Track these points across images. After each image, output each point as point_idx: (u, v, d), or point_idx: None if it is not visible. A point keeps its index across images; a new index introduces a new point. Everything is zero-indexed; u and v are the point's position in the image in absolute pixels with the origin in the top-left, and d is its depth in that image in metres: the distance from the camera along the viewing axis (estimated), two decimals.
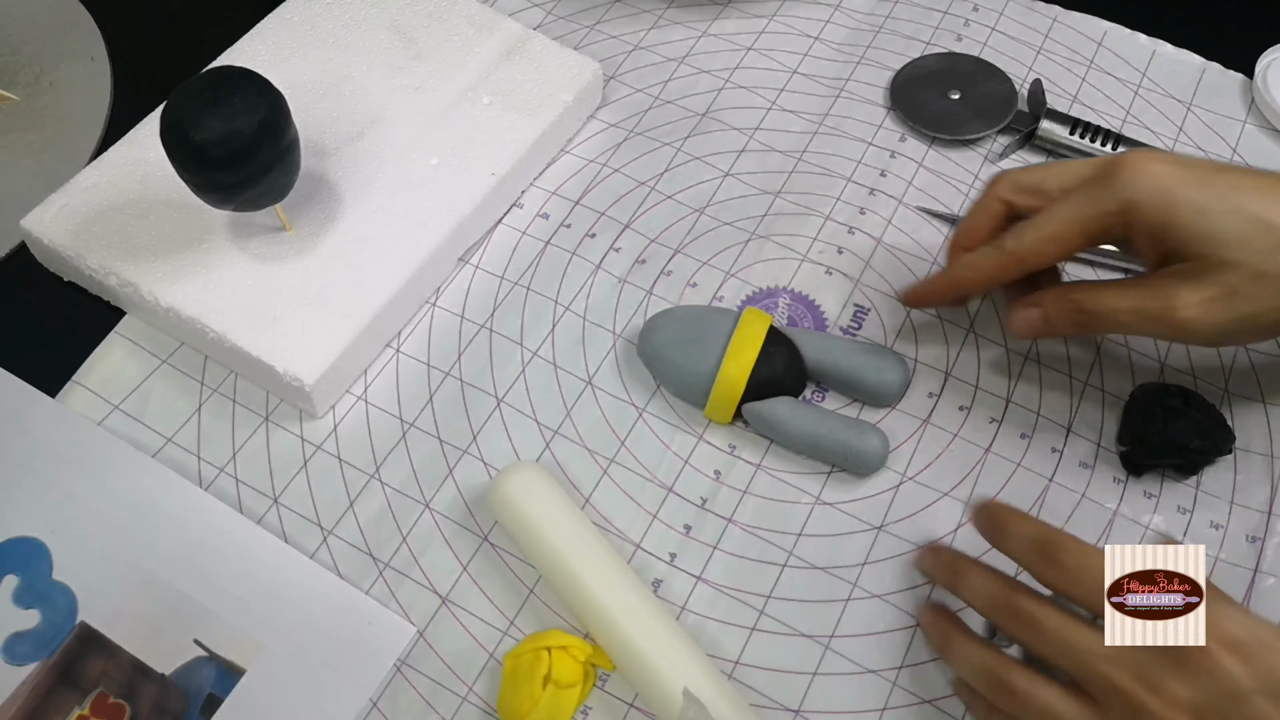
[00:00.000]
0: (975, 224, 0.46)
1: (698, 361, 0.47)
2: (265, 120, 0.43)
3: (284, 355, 0.46)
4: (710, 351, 0.47)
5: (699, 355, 0.47)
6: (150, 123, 0.52)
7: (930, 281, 0.49)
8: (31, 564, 0.43)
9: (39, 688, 0.41)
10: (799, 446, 0.47)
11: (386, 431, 0.48)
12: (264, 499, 0.46)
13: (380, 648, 0.42)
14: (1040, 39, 0.62)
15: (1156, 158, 0.41)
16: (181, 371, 0.49)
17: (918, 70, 0.60)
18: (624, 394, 0.49)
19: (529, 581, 0.44)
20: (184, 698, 0.41)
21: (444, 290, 0.52)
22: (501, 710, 0.41)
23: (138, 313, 0.50)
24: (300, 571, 0.44)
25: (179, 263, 0.48)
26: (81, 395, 0.48)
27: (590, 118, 0.58)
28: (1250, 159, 0.58)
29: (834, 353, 0.48)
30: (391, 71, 0.55)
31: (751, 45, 0.61)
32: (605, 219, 0.54)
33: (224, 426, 0.48)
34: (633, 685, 0.41)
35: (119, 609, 0.42)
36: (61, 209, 0.49)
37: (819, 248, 0.54)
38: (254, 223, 0.49)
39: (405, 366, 0.49)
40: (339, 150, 0.52)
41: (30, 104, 0.57)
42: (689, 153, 0.57)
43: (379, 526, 0.45)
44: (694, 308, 0.50)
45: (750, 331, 0.47)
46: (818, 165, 0.57)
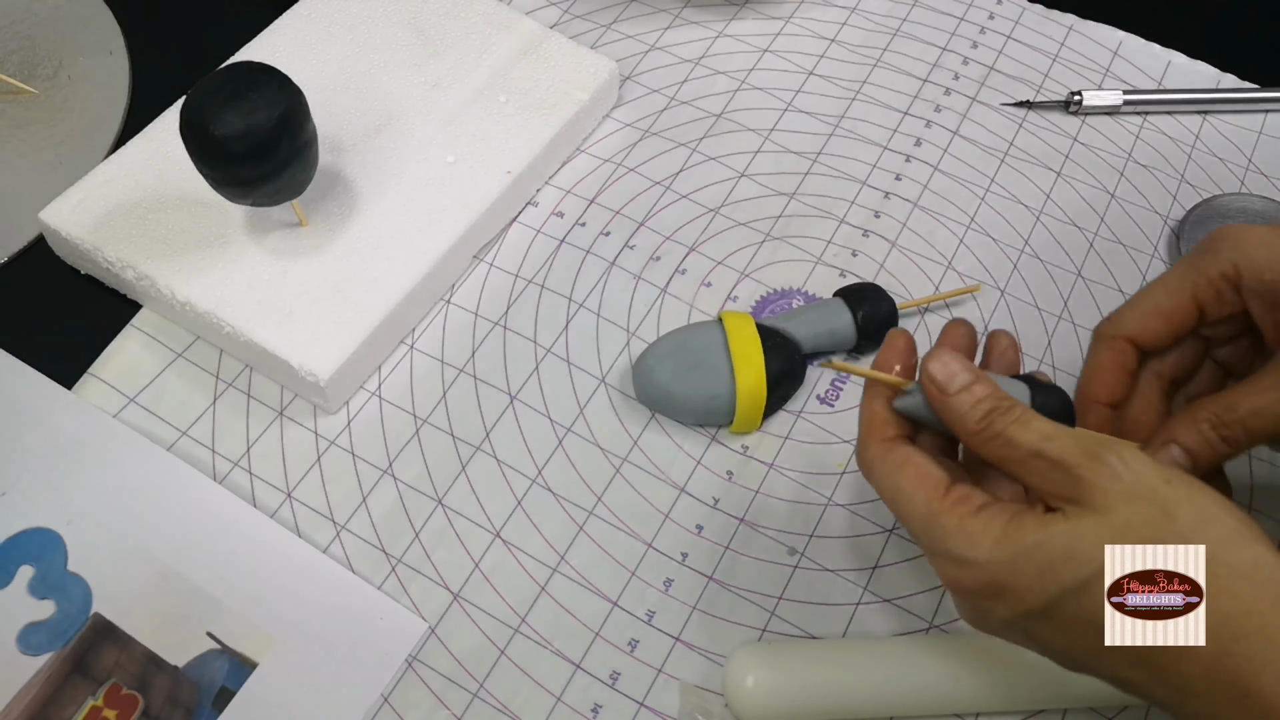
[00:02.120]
0: (1095, 376, 0.41)
1: (710, 385, 0.46)
2: (284, 115, 0.43)
3: (299, 350, 0.46)
4: (716, 371, 0.46)
5: (707, 379, 0.46)
6: (168, 117, 0.52)
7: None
8: (47, 555, 0.43)
9: (53, 678, 0.41)
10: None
11: (400, 427, 0.48)
12: (278, 493, 0.46)
13: (392, 643, 0.42)
14: (1056, 47, 0.62)
15: (1256, 226, 0.39)
16: (197, 365, 0.49)
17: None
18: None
19: (541, 579, 0.44)
20: (196, 690, 0.41)
21: (459, 287, 0.52)
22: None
23: (154, 306, 0.50)
24: (313, 566, 0.44)
25: (196, 257, 0.48)
26: (97, 388, 0.48)
27: (606, 117, 0.58)
28: (1266, 168, 0.58)
29: (818, 321, 0.48)
30: (409, 69, 0.55)
31: (768, 47, 0.61)
32: (620, 217, 0.54)
33: (238, 421, 0.48)
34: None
35: (133, 601, 0.43)
36: (79, 202, 0.49)
37: (833, 250, 0.54)
38: (271, 218, 0.50)
39: (419, 363, 0.50)
40: (356, 146, 0.52)
41: (49, 97, 0.57)
42: (704, 153, 0.57)
43: (392, 522, 0.45)
44: (671, 336, 0.48)
45: (744, 336, 0.46)
46: (833, 167, 0.57)
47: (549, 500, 0.46)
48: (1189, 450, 0.37)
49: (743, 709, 0.40)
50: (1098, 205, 0.56)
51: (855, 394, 0.49)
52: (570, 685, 0.42)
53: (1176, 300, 0.39)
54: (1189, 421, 0.38)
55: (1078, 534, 0.30)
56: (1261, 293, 0.38)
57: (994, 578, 0.31)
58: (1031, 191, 0.56)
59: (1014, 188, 0.57)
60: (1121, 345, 0.40)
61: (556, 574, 0.44)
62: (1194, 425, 0.37)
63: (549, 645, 0.43)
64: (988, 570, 0.31)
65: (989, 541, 0.31)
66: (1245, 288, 0.38)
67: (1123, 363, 0.40)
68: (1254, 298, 0.38)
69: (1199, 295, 0.39)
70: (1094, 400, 0.40)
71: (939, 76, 0.61)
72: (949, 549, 0.32)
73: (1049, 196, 0.56)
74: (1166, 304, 0.39)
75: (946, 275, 0.53)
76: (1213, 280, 0.38)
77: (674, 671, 0.43)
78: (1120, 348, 0.40)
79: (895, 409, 0.36)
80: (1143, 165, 0.58)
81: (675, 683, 0.42)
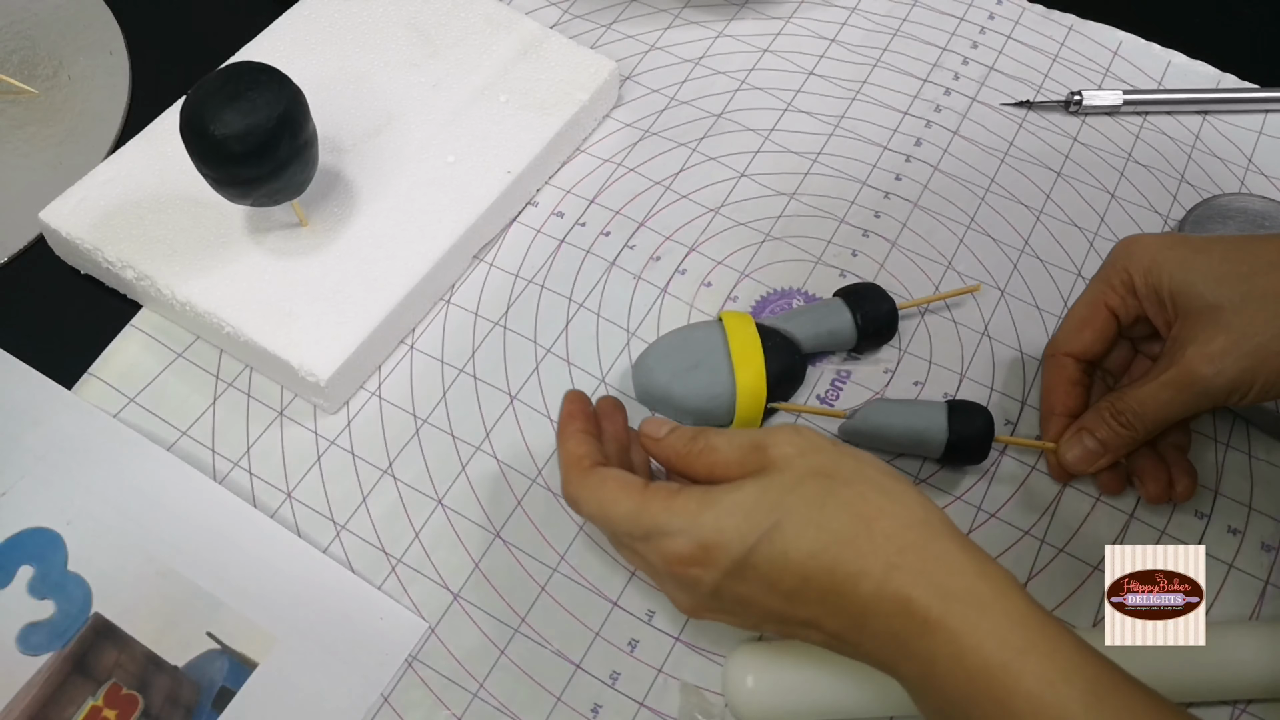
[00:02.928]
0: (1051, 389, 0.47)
1: (709, 385, 0.46)
2: (284, 115, 0.43)
3: (299, 350, 0.46)
4: (716, 371, 0.46)
5: (707, 379, 0.46)
6: (168, 117, 0.52)
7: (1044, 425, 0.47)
8: (47, 555, 0.43)
9: (53, 678, 0.41)
10: (903, 446, 0.46)
11: (400, 427, 0.48)
12: (278, 493, 0.46)
13: (392, 643, 0.42)
14: (1056, 47, 0.62)
15: (1146, 235, 0.44)
16: (197, 365, 0.49)
17: None
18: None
19: (541, 579, 0.44)
20: (196, 690, 0.41)
21: (459, 287, 0.52)
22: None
23: (154, 306, 0.50)
24: (313, 566, 0.44)
25: (196, 257, 0.48)
26: (97, 388, 0.48)
27: (606, 117, 0.58)
28: (1266, 168, 0.58)
29: (818, 321, 0.48)
30: (409, 69, 0.55)
31: (768, 47, 0.61)
32: (620, 217, 0.54)
33: (239, 421, 0.48)
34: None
35: (133, 601, 0.43)
36: (79, 202, 0.49)
37: (833, 250, 0.54)
38: (271, 218, 0.50)
39: (419, 363, 0.50)
40: (356, 146, 0.52)
41: (49, 97, 0.57)
42: (704, 153, 0.57)
43: (392, 522, 0.45)
44: (671, 336, 0.48)
45: (744, 336, 0.46)
46: (833, 167, 0.57)
47: (549, 500, 0.46)
48: (1099, 438, 0.44)
49: (743, 709, 0.40)
50: (1098, 205, 0.56)
51: (856, 395, 0.49)
52: (570, 685, 0.42)
53: (1093, 311, 0.45)
54: (1095, 414, 0.44)
55: (765, 486, 0.35)
56: (1147, 295, 0.43)
57: (703, 537, 0.34)
58: (1031, 191, 0.56)
59: (1014, 188, 0.57)
60: (1063, 360, 0.46)
61: (556, 574, 0.44)
62: (1100, 417, 0.44)
63: (549, 645, 0.43)
64: (696, 532, 0.35)
65: (693, 507, 0.35)
66: (1138, 292, 0.44)
67: (1068, 375, 0.46)
68: (1144, 300, 0.44)
69: (1109, 304, 0.45)
70: (1051, 413, 0.46)
71: (939, 76, 0.61)
72: (659, 526, 0.35)
73: (1049, 196, 0.56)
74: (1087, 316, 0.45)
75: (946, 275, 0.53)
76: (1115, 288, 0.44)
77: (674, 671, 0.43)
78: (1062, 363, 0.46)
79: (839, 432, 0.46)
80: (1143, 165, 0.58)
81: (675, 683, 0.42)
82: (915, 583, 0.33)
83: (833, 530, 0.33)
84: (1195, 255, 0.42)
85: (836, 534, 0.33)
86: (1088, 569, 0.45)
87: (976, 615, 0.32)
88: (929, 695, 0.33)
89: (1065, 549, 0.45)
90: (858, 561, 0.33)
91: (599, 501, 0.37)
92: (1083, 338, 0.45)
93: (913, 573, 0.33)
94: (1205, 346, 0.40)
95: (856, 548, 0.33)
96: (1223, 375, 0.40)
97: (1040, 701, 0.31)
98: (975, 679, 0.32)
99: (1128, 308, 0.45)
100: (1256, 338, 0.40)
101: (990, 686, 0.31)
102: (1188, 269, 0.42)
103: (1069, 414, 0.46)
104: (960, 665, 0.32)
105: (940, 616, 0.32)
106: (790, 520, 0.34)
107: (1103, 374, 0.48)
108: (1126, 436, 0.43)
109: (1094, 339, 0.45)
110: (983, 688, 0.31)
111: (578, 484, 0.38)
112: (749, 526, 0.34)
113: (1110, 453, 0.44)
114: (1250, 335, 0.40)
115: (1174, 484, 0.44)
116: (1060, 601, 0.44)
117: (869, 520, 0.34)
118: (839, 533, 0.33)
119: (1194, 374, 0.41)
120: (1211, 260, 0.42)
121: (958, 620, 0.32)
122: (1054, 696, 0.31)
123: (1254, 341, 0.40)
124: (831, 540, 0.33)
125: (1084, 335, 0.45)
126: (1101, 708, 0.31)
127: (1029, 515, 0.46)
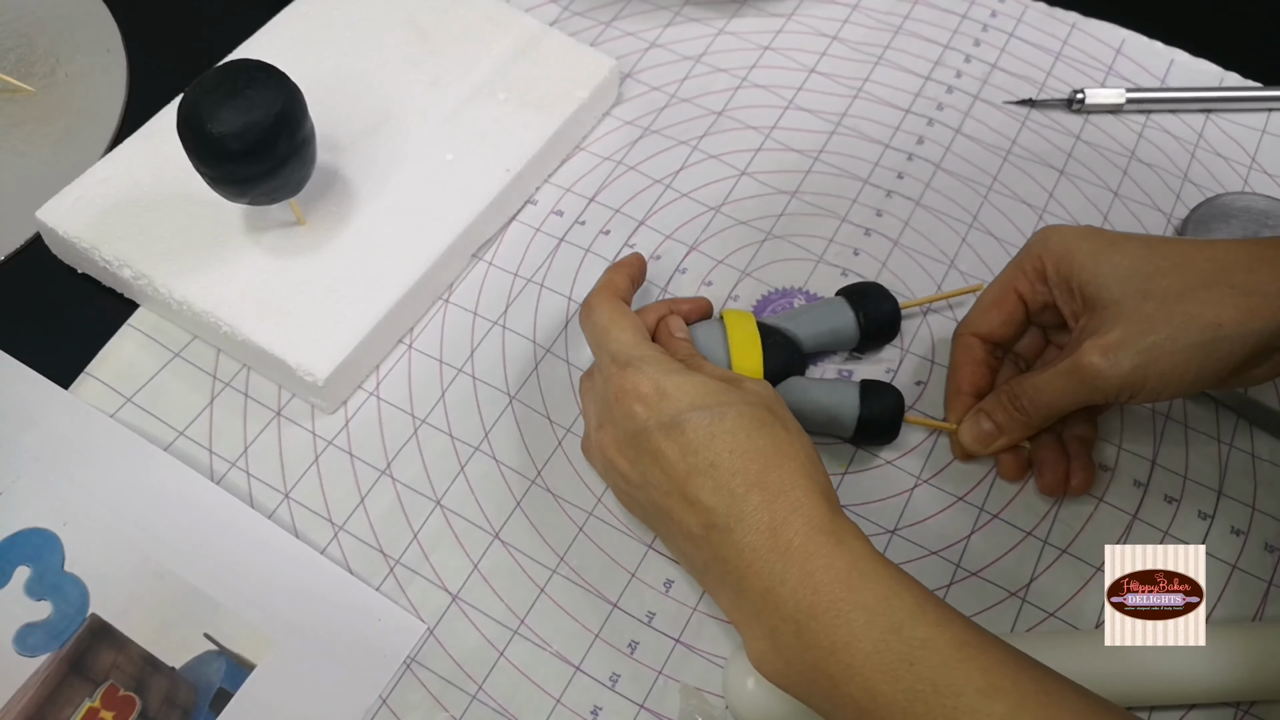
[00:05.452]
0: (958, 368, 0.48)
1: None
2: (282, 113, 0.43)
3: (297, 350, 0.46)
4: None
5: None
6: (166, 115, 0.52)
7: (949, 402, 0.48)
8: (43, 555, 0.43)
9: (50, 679, 0.41)
10: (818, 423, 0.46)
11: (398, 427, 0.48)
12: (275, 494, 0.46)
13: (390, 645, 0.42)
14: (1059, 45, 0.62)
15: (1063, 226, 0.44)
16: (194, 365, 0.49)
17: None
18: None
19: (540, 580, 0.44)
20: (194, 691, 0.41)
21: (457, 286, 0.52)
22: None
23: (151, 305, 0.50)
24: (311, 567, 0.43)
25: (193, 256, 0.48)
26: (94, 387, 0.48)
27: (605, 115, 0.58)
28: (1270, 167, 0.57)
29: (819, 320, 0.48)
30: (407, 66, 0.55)
31: (769, 44, 0.61)
32: (620, 216, 0.54)
33: (236, 420, 0.47)
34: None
35: (130, 601, 0.42)
36: (76, 201, 0.49)
37: (835, 249, 0.53)
38: (268, 217, 0.49)
39: (418, 362, 0.49)
40: (354, 145, 0.52)
41: (46, 96, 0.57)
42: (705, 151, 0.56)
43: (390, 523, 0.45)
44: None
45: (743, 332, 0.46)
46: (835, 166, 0.56)
47: (548, 501, 0.46)
48: (995, 421, 0.45)
49: (743, 710, 0.40)
50: (1101, 204, 0.56)
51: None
52: (570, 687, 0.42)
53: (1004, 295, 0.46)
54: (994, 398, 0.45)
55: (729, 391, 0.39)
56: (1058, 284, 0.44)
57: (663, 385, 0.39)
58: (1034, 190, 0.56)
59: (1017, 186, 0.56)
60: (969, 341, 0.47)
61: (556, 575, 0.44)
62: (998, 400, 0.45)
63: (548, 647, 0.43)
64: (663, 380, 0.39)
65: (674, 366, 0.40)
66: (1049, 280, 0.44)
67: (974, 355, 0.47)
68: (1055, 289, 0.44)
69: (1019, 289, 0.46)
70: (957, 391, 0.47)
71: (941, 74, 0.60)
72: (641, 358, 0.40)
73: (1052, 195, 0.56)
74: (997, 299, 0.46)
75: (949, 274, 0.53)
76: (1027, 275, 0.45)
77: (674, 673, 0.42)
78: (969, 343, 0.47)
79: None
80: (1146, 164, 0.57)
81: (675, 684, 0.42)
82: (796, 518, 0.36)
83: (757, 446, 0.37)
84: (1107, 249, 0.42)
85: (759, 449, 0.37)
86: (1090, 570, 0.45)
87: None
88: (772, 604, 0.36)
89: (1068, 550, 0.45)
90: (762, 474, 0.37)
91: (610, 318, 0.42)
92: (989, 319, 0.46)
93: (803, 516, 0.36)
94: (1102, 339, 0.41)
95: (764, 462, 0.37)
96: (1116, 369, 0.40)
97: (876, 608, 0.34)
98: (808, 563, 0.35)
99: (1036, 294, 0.45)
100: (1151, 336, 0.40)
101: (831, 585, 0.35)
102: (1098, 262, 0.42)
103: (973, 393, 0.47)
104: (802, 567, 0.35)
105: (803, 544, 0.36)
106: (732, 416, 0.38)
107: (1015, 359, 0.48)
108: (1021, 421, 0.44)
109: (1001, 322, 0.46)
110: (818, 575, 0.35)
111: (602, 300, 0.44)
112: (701, 400, 0.38)
113: (1005, 435, 0.45)
114: (1146, 333, 0.40)
115: (1070, 477, 0.45)
116: (1062, 603, 0.44)
117: (786, 457, 0.37)
118: (761, 449, 0.37)
119: (1088, 365, 0.41)
120: (1121, 256, 0.42)
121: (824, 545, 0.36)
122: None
123: (1148, 340, 0.40)
124: (751, 449, 0.37)
125: (991, 317, 0.46)
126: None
127: (1032, 517, 0.46)
